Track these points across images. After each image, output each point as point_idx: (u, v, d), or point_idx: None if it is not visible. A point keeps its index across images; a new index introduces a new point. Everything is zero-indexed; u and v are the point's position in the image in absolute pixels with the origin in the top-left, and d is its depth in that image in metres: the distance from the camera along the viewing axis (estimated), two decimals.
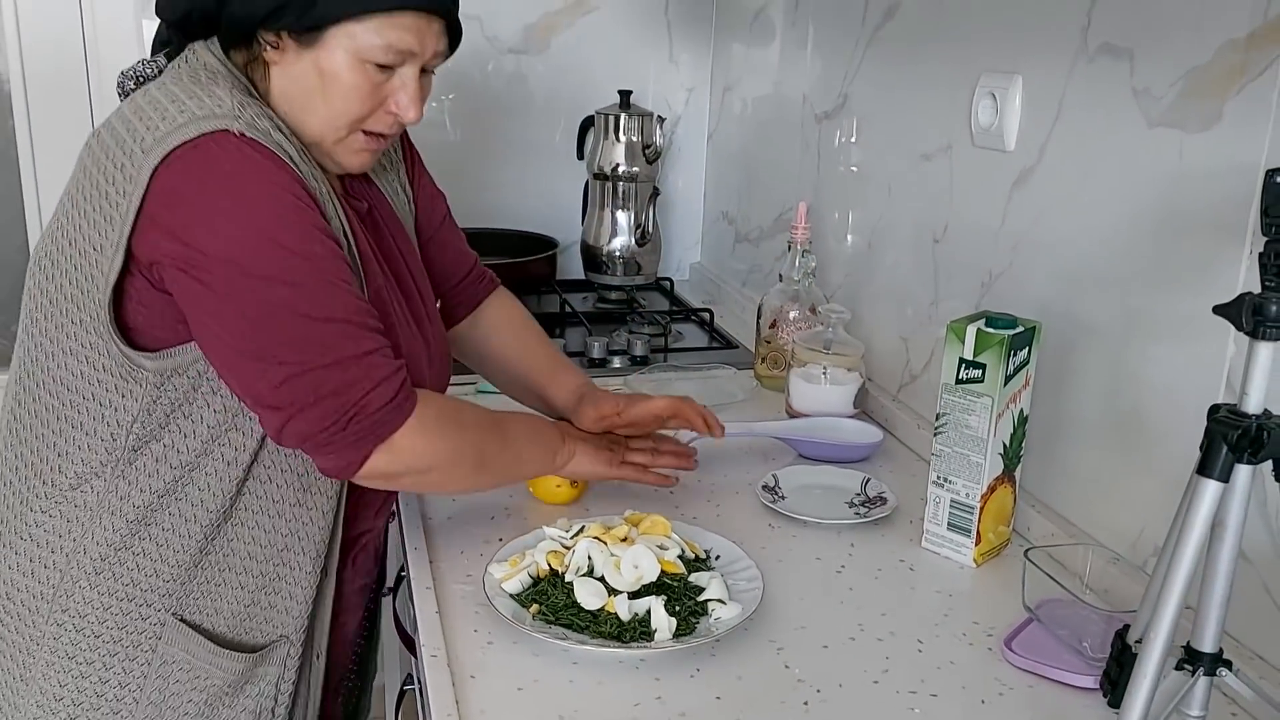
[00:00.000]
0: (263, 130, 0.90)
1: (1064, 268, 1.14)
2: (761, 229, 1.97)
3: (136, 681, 0.99)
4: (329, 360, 0.89)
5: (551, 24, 2.10)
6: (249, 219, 0.88)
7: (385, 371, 0.92)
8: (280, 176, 0.89)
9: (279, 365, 0.88)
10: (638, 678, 0.90)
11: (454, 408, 1.02)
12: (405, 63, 0.96)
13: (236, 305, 0.88)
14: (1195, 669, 0.75)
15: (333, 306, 0.90)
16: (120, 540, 0.96)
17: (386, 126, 0.99)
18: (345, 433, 0.91)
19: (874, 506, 1.21)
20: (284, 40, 0.94)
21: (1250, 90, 0.89)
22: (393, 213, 1.13)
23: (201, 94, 0.91)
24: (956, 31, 1.32)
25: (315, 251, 0.90)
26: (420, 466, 0.97)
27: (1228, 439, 0.69)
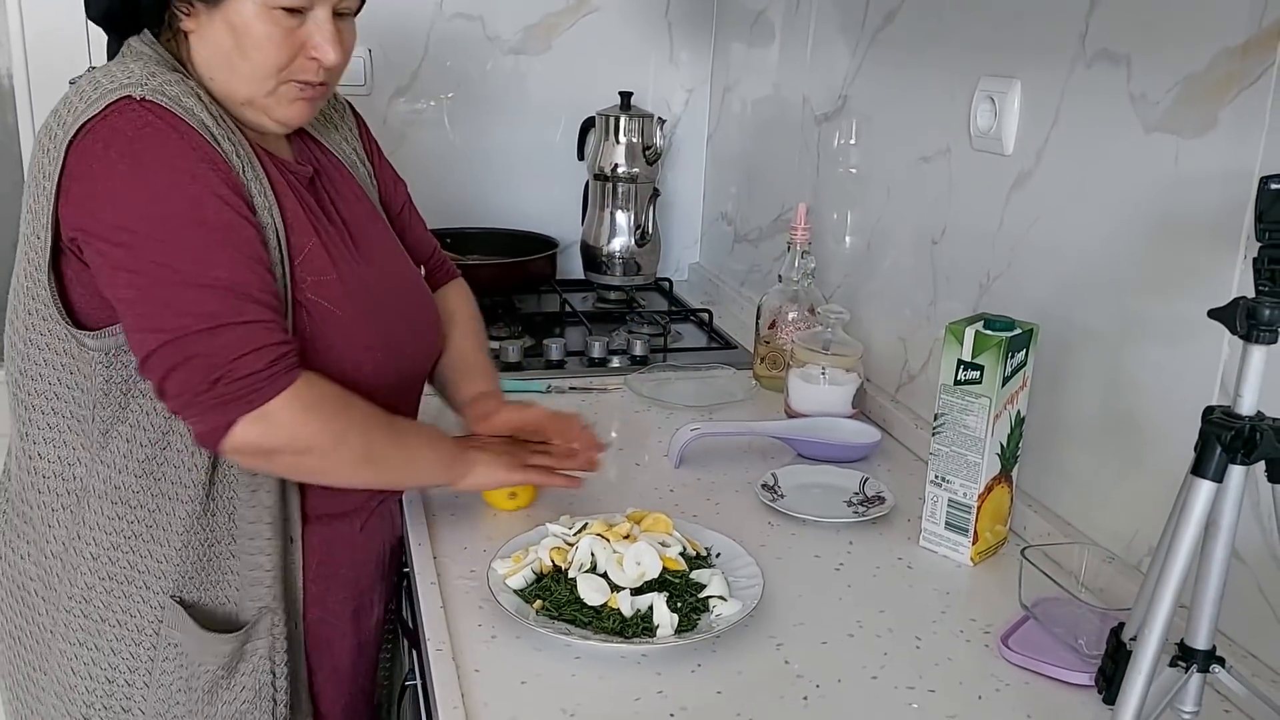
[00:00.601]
0: (172, 96, 0.92)
1: (1061, 271, 1.15)
2: (760, 230, 1.98)
3: (144, 666, 1.01)
4: (202, 325, 0.89)
5: (552, 24, 2.11)
6: (141, 186, 0.90)
7: (262, 341, 0.91)
8: (180, 141, 0.91)
9: (158, 331, 0.90)
10: (640, 672, 0.92)
11: (343, 395, 0.98)
12: (315, 6, 0.98)
13: (126, 272, 0.90)
14: (1189, 665, 0.77)
15: (215, 273, 0.90)
16: (111, 524, 0.99)
17: (312, 74, 1.01)
18: (209, 394, 0.90)
19: (872, 505, 1.23)
20: (195, 7, 0.96)
21: (1245, 97, 0.91)
22: (348, 177, 1.15)
23: (115, 70, 0.94)
24: (956, 36, 1.33)
25: (206, 217, 0.91)
26: (297, 445, 0.95)
27: (1222, 440, 0.71)
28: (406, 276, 1.17)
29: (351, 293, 1.04)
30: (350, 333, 1.03)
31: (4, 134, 1.95)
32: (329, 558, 1.11)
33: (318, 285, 1.01)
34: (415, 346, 1.15)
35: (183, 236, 0.90)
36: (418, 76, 2.08)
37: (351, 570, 1.15)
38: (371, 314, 1.06)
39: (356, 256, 1.08)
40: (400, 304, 1.12)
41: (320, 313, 1.00)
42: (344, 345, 1.02)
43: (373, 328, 1.05)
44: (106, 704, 1.02)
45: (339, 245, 1.06)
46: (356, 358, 1.03)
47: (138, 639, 1.01)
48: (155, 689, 1.02)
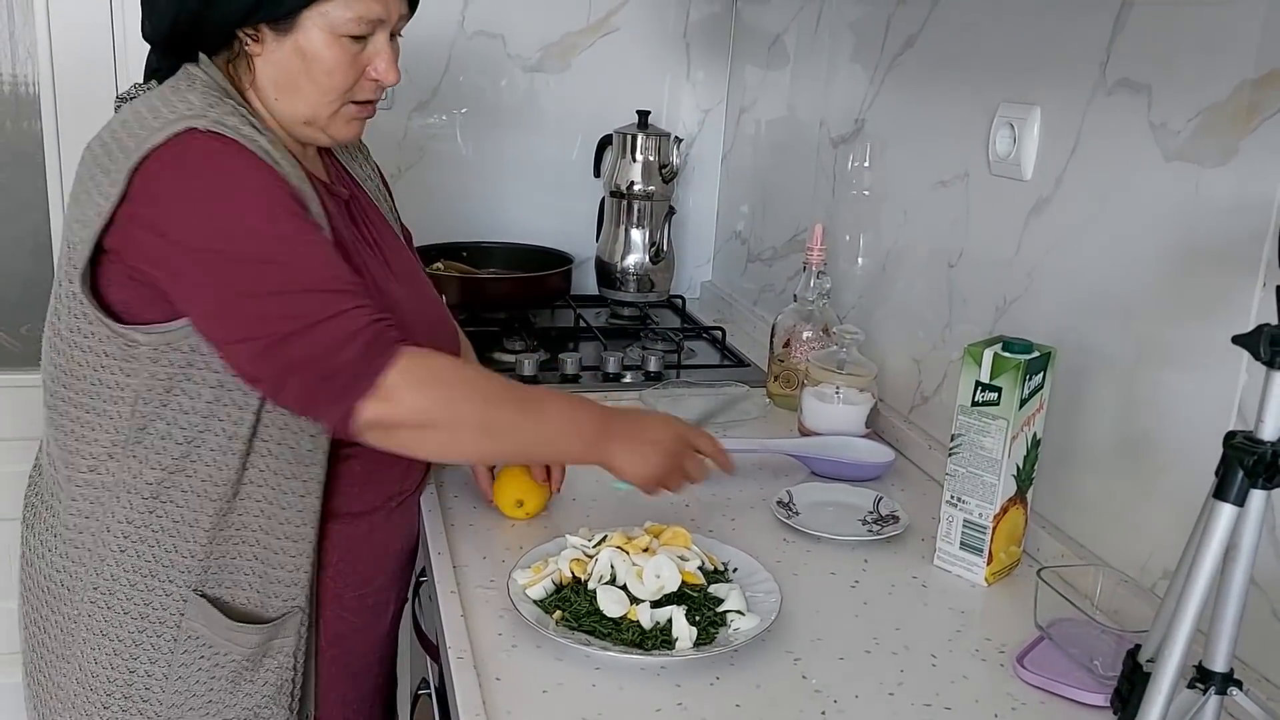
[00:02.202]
0: (231, 126, 0.96)
1: (1078, 296, 1.17)
2: (774, 249, 2.00)
3: (164, 658, 1.04)
4: (298, 328, 0.92)
5: (572, 43, 2.13)
6: (214, 206, 0.94)
7: (355, 326, 0.93)
8: (247, 161, 0.95)
9: (254, 341, 0.93)
10: (659, 684, 0.93)
11: (458, 368, 1.01)
12: (376, 31, 1.03)
13: (212, 289, 0.94)
14: (1207, 687, 0.77)
15: (297, 277, 0.94)
16: (139, 518, 1.01)
17: (370, 93, 1.07)
18: (321, 392, 0.94)
19: (886, 524, 1.24)
20: (262, 32, 1.01)
21: (1265, 128, 0.93)
22: (374, 206, 1.21)
23: (175, 100, 0.98)
24: (975, 62, 1.35)
25: (281, 230, 0.95)
26: (415, 420, 0.97)
27: (1244, 464, 0.72)
28: (433, 300, 1.22)
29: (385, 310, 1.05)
30: None
31: (30, 143, 1.97)
32: (348, 555, 1.13)
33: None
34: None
35: (260, 249, 0.94)
36: (438, 92, 2.10)
37: (369, 568, 1.17)
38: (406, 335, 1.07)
39: (389, 276, 1.12)
40: (426, 325, 1.15)
41: None
42: None
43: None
44: (126, 693, 1.04)
45: (374, 265, 1.10)
46: None
47: (159, 630, 1.03)
48: (174, 680, 1.04)
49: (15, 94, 1.97)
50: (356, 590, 1.15)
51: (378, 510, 1.15)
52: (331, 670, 1.14)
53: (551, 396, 1.09)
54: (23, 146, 1.98)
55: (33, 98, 1.95)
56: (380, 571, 1.18)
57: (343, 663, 1.15)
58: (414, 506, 1.24)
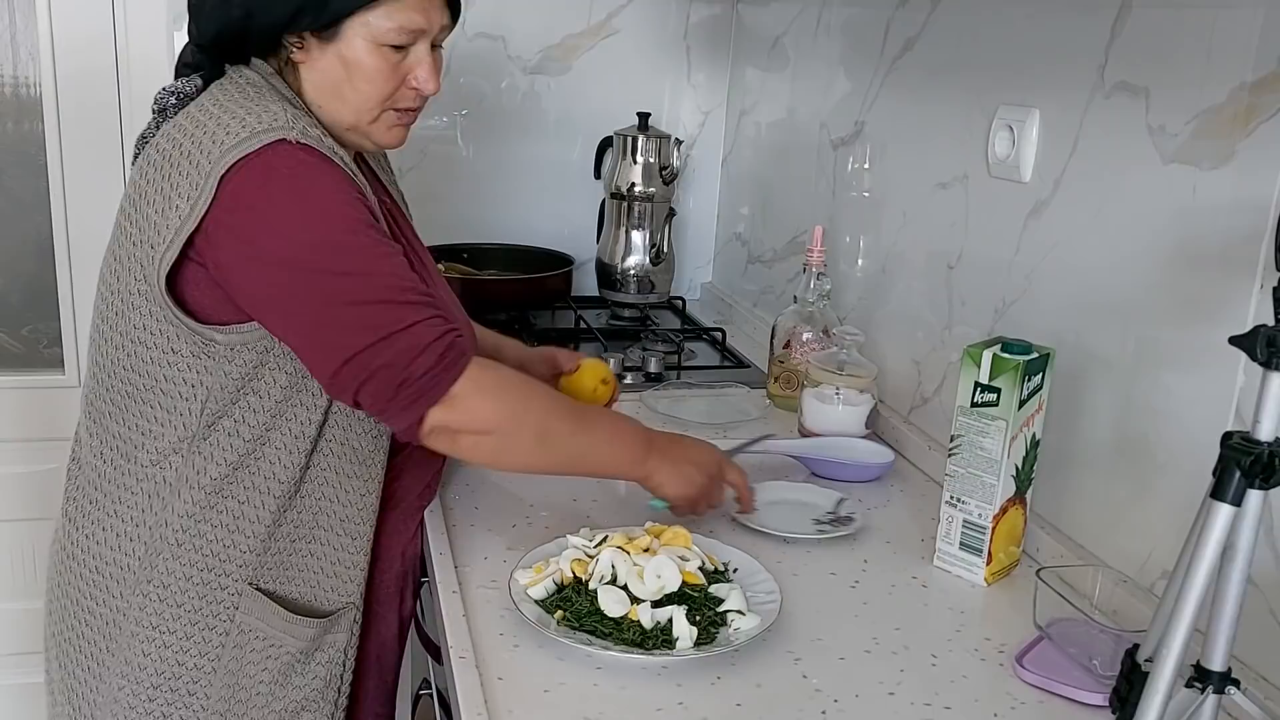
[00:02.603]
0: (314, 137, 0.99)
1: (1077, 298, 1.17)
2: (774, 251, 2.00)
3: (215, 651, 1.05)
4: (377, 338, 0.96)
5: (573, 45, 2.14)
6: (302, 218, 0.97)
7: (429, 338, 0.97)
8: (332, 177, 0.99)
9: (335, 350, 0.97)
10: (660, 684, 0.93)
11: (521, 380, 1.07)
12: (417, 40, 1.05)
13: (297, 301, 0.97)
14: (1205, 686, 0.78)
15: (377, 289, 0.98)
16: (199, 513, 1.03)
17: (411, 101, 1.09)
18: (398, 399, 0.98)
19: (841, 525, 1.24)
20: (307, 40, 1.03)
21: (1262, 131, 0.93)
22: (404, 214, 1.24)
23: (258, 109, 0.99)
24: (975, 65, 1.35)
25: (363, 243, 0.98)
26: (478, 426, 1.02)
27: (1241, 465, 0.72)
28: (460, 308, 1.24)
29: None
30: None
31: (32, 143, 1.97)
32: (382, 545, 1.16)
33: None
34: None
35: (343, 261, 0.97)
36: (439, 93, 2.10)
37: (395, 556, 1.19)
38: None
39: (430, 278, 1.14)
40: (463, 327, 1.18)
41: None
42: None
43: None
44: (173, 685, 1.05)
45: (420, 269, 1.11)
46: None
47: (211, 624, 1.05)
48: (223, 674, 1.06)
49: (17, 95, 1.97)
50: (386, 579, 1.18)
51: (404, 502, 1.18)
52: (365, 663, 1.16)
53: (601, 413, 1.16)
54: (25, 148, 1.98)
55: (35, 99, 1.96)
56: (402, 559, 1.21)
57: (375, 654, 1.18)
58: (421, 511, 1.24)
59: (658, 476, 1.12)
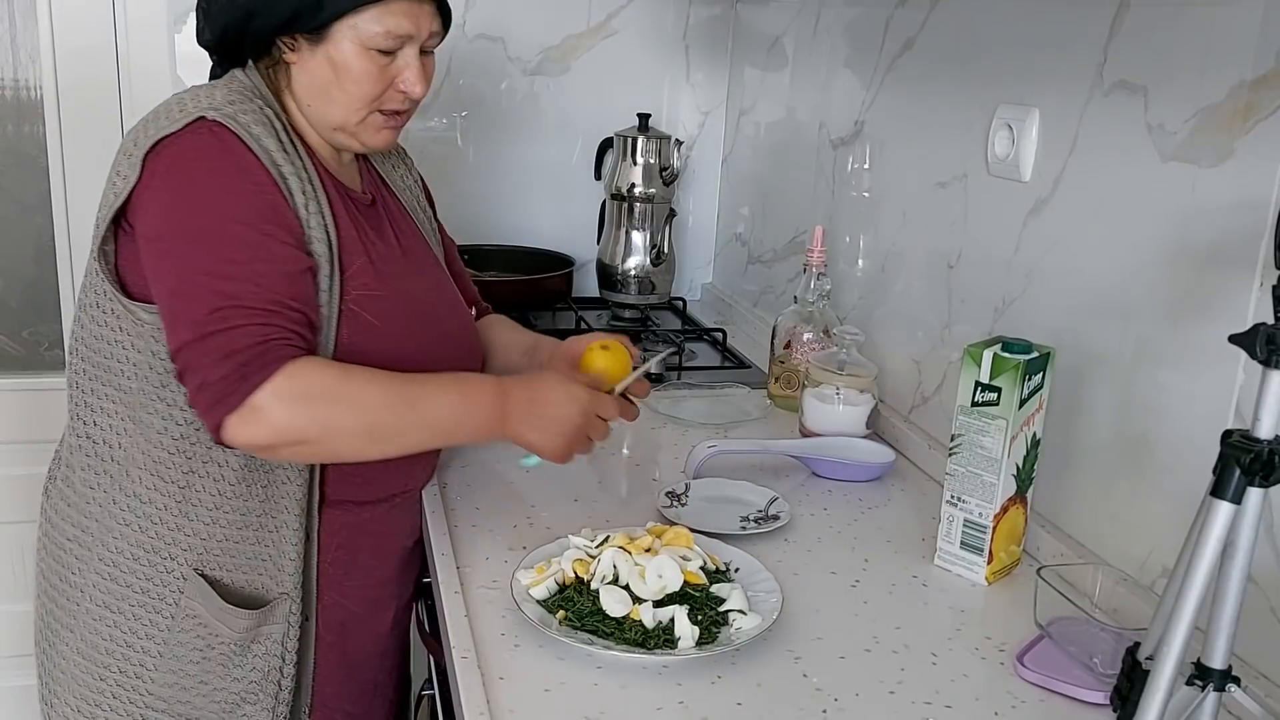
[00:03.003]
0: (243, 123, 1.02)
1: (1077, 296, 1.17)
2: (774, 251, 2.00)
3: (161, 635, 1.07)
4: (196, 335, 0.96)
5: (572, 46, 2.14)
6: (183, 200, 1.00)
7: (241, 344, 0.95)
8: (232, 162, 1.00)
9: (173, 337, 0.99)
10: (661, 683, 0.93)
11: (338, 379, 1.00)
12: (405, 45, 1.07)
13: (158, 279, 1.00)
14: (1205, 684, 0.78)
15: (218, 284, 0.97)
16: (146, 493, 1.06)
17: (399, 104, 1.11)
18: (199, 400, 0.97)
19: (765, 523, 1.23)
20: (299, 42, 1.06)
21: (1261, 129, 0.93)
22: (406, 214, 1.24)
23: (203, 95, 1.04)
24: (974, 64, 1.36)
25: (229, 232, 0.98)
26: (287, 438, 0.98)
27: (1241, 462, 0.72)
28: (455, 305, 1.25)
29: (393, 309, 1.10)
30: (386, 345, 1.08)
31: (33, 146, 1.97)
32: (349, 543, 1.16)
33: (361, 299, 1.08)
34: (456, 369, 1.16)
35: (201, 249, 0.98)
36: (439, 95, 2.11)
37: (371, 559, 1.19)
38: (411, 332, 1.12)
39: (408, 277, 1.16)
40: (444, 327, 1.19)
41: (361, 323, 1.07)
42: (378, 356, 1.07)
43: (410, 344, 1.11)
44: (123, 667, 1.08)
45: (389, 265, 1.14)
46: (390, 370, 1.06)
47: (158, 607, 1.07)
48: (169, 659, 1.08)
49: (18, 97, 1.97)
50: (357, 580, 1.18)
51: (379, 503, 1.18)
52: (329, 659, 1.17)
53: (445, 383, 1.06)
54: (25, 150, 1.98)
55: (35, 101, 1.96)
56: (382, 565, 1.21)
57: (340, 652, 1.18)
58: (417, 504, 1.26)
59: (522, 438, 1.07)
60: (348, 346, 1.06)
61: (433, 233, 1.31)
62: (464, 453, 1.38)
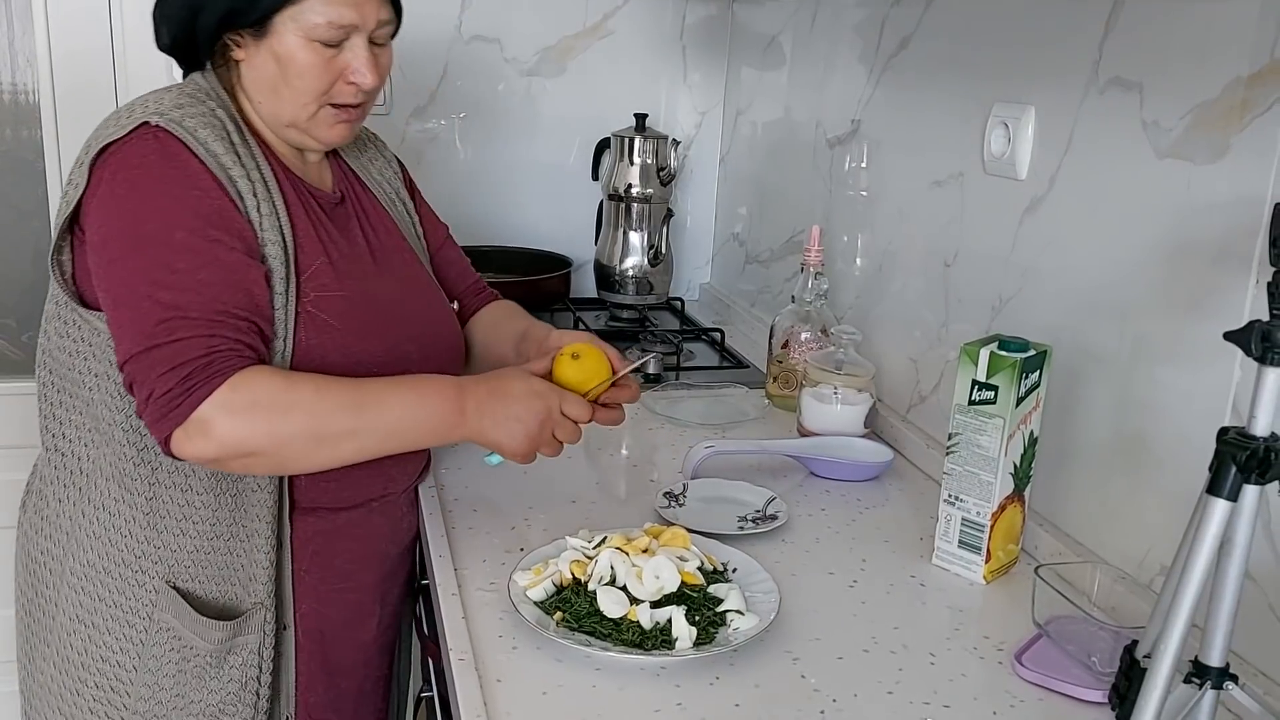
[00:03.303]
0: (188, 127, 1.01)
1: (1073, 294, 1.17)
2: (772, 251, 2.00)
3: (136, 649, 1.06)
4: (141, 347, 0.95)
5: (569, 47, 2.14)
6: (125, 208, 0.98)
7: (181, 358, 0.94)
8: (174, 169, 0.99)
9: (119, 348, 0.97)
10: (659, 684, 0.93)
11: (284, 389, 0.98)
12: (351, 35, 1.05)
13: (104, 288, 0.99)
14: (1203, 682, 0.78)
15: (160, 294, 0.95)
16: (114, 505, 1.05)
17: (350, 96, 1.08)
18: (146, 415, 0.96)
19: (762, 523, 1.23)
20: (244, 38, 1.05)
21: (1256, 125, 0.93)
22: (381, 210, 1.22)
23: (150, 99, 1.04)
24: (969, 63, 1.35)
25: (172, 239, 0.97)
26: (236, 450, 0.96)
27: (1237, 460, 0.72)
28: (430, 304, 1.22)
29: (354, 310, 1.09)
30: (347, 346, 1.07)
31: (31, 150, 1.97)
32: (325, 549, 1.14)
33: (320, 300, 1.06)
34: (427, 369, 1.14)
35: (144, 258, 0.96)
36: (436, 97, 2.11)
37: (350, 565, 1.18)
38: (375, 333, 1.10)
39: (375, 277, 1.14)
40: (415, 327, 1.16)
41: (318, 325, 1.06)
42: (339, 357, 1.06)
43: (373, 345, 1.09)
44: (99, 681, 1.07)
45: (353, 265, 1.12)
46: (348, 371, 1.05)
47: (132, 620, 1.06)
48: (144, 672, 1.07)
49: (15, 102, 1.97)
50: (335, 587, 1.16)
51: (357, 508, 1.16)
52: (310, 667, 1.16)
53: (398, 384, 1.03)
54: (23, 154, 1.98)
55: (33, 106, 1.96)
56: (362, 571, 1.19)
57: (321, 660, 1.17)
58: (400, 509, 1.23)
59: (483, 436, 1.05)
60: (306, 349, 1.04)
61: (412, 225, 1.28)
62: (461, 454, 1.37)
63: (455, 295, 1.35)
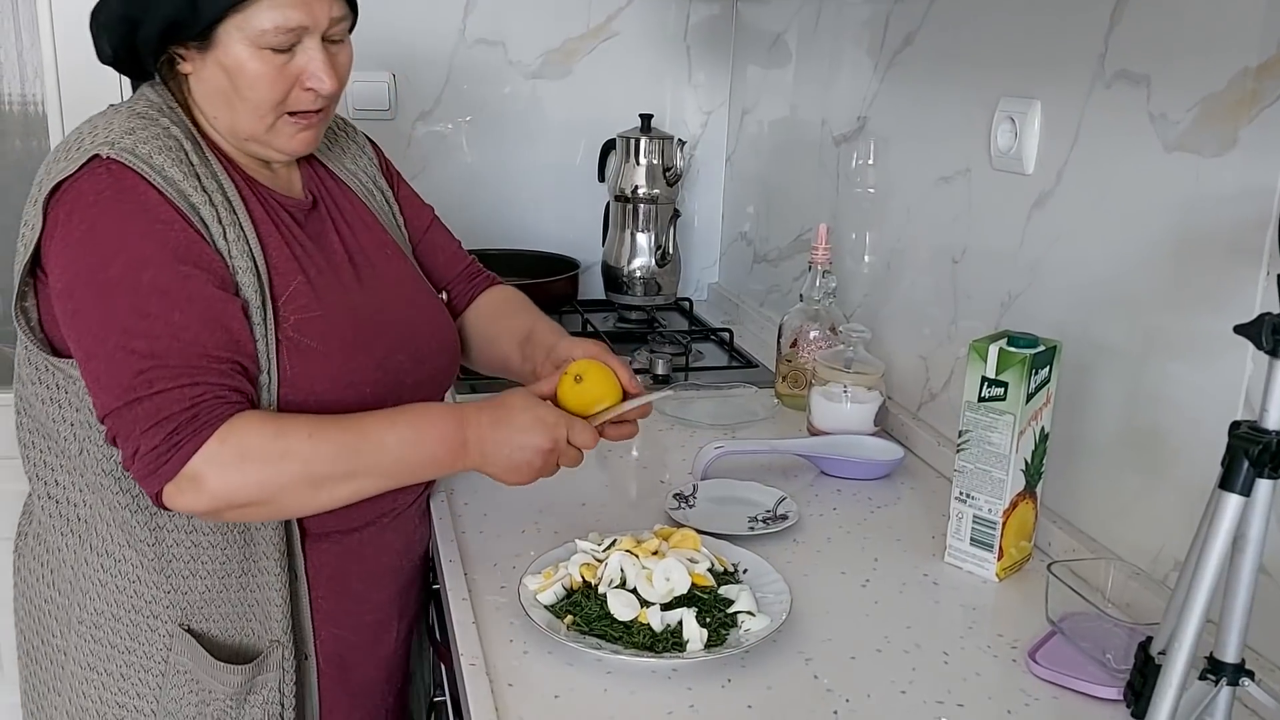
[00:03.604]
0: (142, 155, 0.94)
1: (1082, 289, 1.17)
2: (780, 250, 2.00)
3: (153, 693, 1.02)
4: (121, 402, 0.90)
5: (573, 49, 2.14)
6: (88, 251, 0.92)
7: (165, 412, 0.90)
8: (133, 204, 0.93)
9: (98, 402, 0.92)
10: (670, 687, 0.93)
11: (275, 436, 0.93)
12: (303, 38, 0.99)
13: (74, 336, 0.94)
14: (1219, 679, 0.77)
15: (135, 343, 0.90)
16: (118, 550, 1.01)
17: (309, 103, 1.02)
18: (134, 471, 0.92)
19: (773, 523, 1.22)
20: (189, 50, 0.98)
21: (1264, 116, 0.92)
22: (359, 204, 1.16)
23: (100, 124, 0.97)
24: (975, 57, 1.35)
25: (141, 281, 0.91)
26: (232, 502, 0.93)
27: (1249, 454, 0.72)
28: (417, 305, 1.16)
29: (336, 328, 1.03)
30: (334, 369, 1.02)
31: (37, 161, 1.97)
32: (339, 573, 1.11)
33: (300, 323, 1.01)
34: (421, 374, 1.12)
35: (113, 304, 0.91)
36: (440, 101, 2.11)
37: (366, 585, 1.15)
38: (361, 349, 1.05)
39: (356, 287, 1.08)
40: (404, 333, 1.10)
41: (302, 350, 1.00)
42: (327, 381, 1.01)
43: (361, 362, 1.04)
44: None
45: (332, 278, 1.06)
46: (340, 394, 1.02)
47: (146, 665, 1.02)
48: (164, 716, 1.03)
49: (25, 113, 1.98)
50: (354, 610, 1.13)
51: (368, 526, 1.12)
52: (334, 692, 1.13)
53: (394, 420, 0.99)
54: (31, 165, 1.99)
55: (41, 116, 1.97)
56: (379, 589, 1.16)
57: (342, 681, 1.14)
58: (412, 521, 1.20)
59: (486, 468, 1.02)
60: (293, 378, 0.99)
61: (392, 214, 1.22)
62: None
63: (446, 283, 1.29)
